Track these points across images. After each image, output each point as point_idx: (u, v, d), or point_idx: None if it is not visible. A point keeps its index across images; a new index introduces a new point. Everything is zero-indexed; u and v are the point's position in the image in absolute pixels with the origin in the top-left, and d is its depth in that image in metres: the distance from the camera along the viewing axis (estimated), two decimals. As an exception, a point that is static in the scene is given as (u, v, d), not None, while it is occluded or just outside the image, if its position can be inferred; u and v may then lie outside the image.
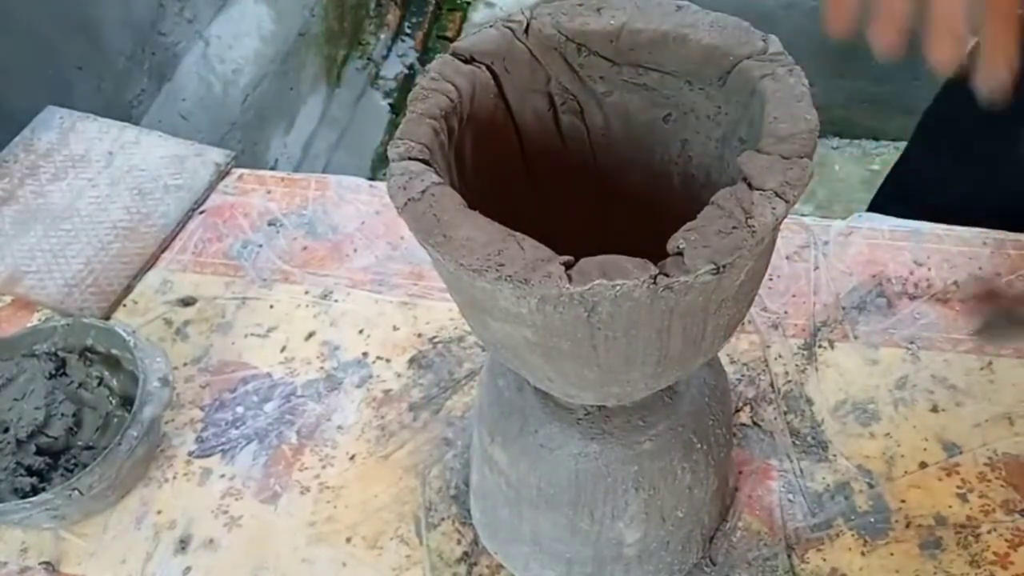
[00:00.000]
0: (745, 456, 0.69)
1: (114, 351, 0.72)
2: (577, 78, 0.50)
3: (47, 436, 0.70)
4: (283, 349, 0.79)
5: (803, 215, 0.86)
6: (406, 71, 2.27)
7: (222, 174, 0.93)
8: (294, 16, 1.84)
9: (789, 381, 0.73)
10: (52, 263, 0.85)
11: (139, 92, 1.42)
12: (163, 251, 0.87)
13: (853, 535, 0.64)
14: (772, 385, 0.73)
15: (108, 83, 1.34)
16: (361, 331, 0.79)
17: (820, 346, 0.75)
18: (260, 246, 0.87)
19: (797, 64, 0.45)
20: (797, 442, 0.69)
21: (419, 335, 0.79)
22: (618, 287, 0.37)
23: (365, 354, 0.78)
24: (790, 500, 0.66)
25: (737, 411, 0.71)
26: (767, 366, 0.74)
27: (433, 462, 0.71)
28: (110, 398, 0.72)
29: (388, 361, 0.77)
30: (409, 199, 0.42)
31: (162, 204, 0.90)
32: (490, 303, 0.41)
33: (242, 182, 0.93)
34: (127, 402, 0.71)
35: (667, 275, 0.37)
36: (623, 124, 0.51)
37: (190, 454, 0.73)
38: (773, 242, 0.44)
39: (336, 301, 0.82)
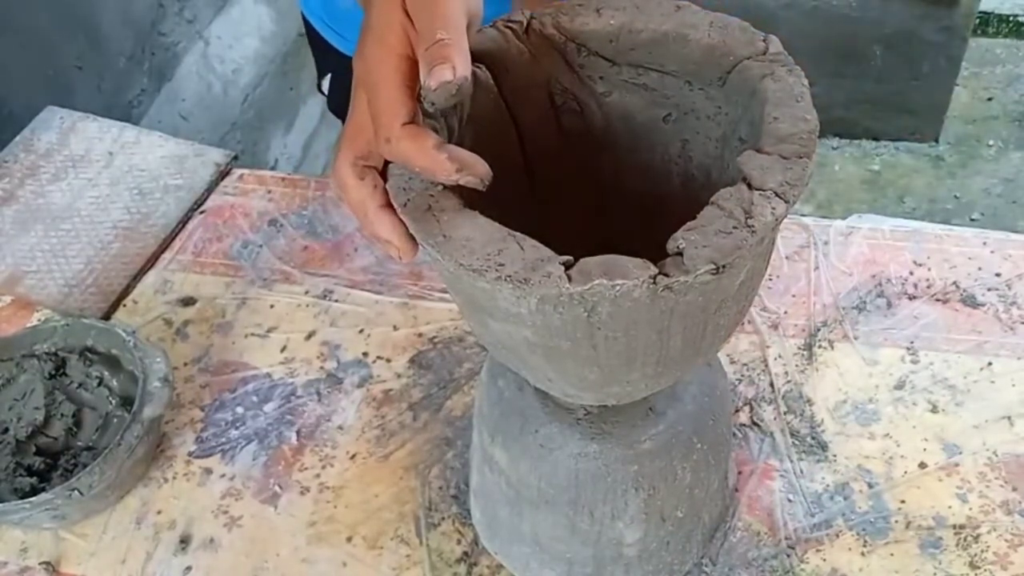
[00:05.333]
0: (745, 456, 0.69)
1: (114, 351, 0.72)
2: (577, 78, 0.50)
3: (47, 436, 0.70)
4: (283, 349, 0.79)
5: (803, 215, 0.86)
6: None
7: (222, 174, 0.93)
8: (294, 16, 1.84)
9: (789, 381, 0.73)
10: (52, 263, 0.85)
11: (139, 92, 1.42)
12: (163, 251, 0.87)
13: (853, 535, 0.64)
14: (772, 385, 0.73)
15: (108, 83, 1.34)
16: (361, 331, 0.79)
17: (820, 346, 0.75)
18: (260, 246, 0.87)
19: (797, 64, 0.45)
20: (797, 442, 0.69)
21: (419, 335, 0.78)
22: (618, 287, 0.37)
23: (365, 354, 0.78)
24: (790, 500, 0.66)
25: (737, 411, 0.71)
26: (767, 366, 0.74)
27: (433, 462, 0.71)
28: (110, 398, 0.72)
29: (388, 361, 0.77)
30: (409, 199, 0.42)
31: (162, 204, 0.90)
32: (490, 303, 0.41)
33: (242, 182, 0.93)
34: (127, 402, 0.71)
35: (667, 275, 0.37)
36: (623, 124, 0.51)
37: (190, 454, 0.73)
38: (773, 242, 0.44)
39: (336, 301, 0.82)
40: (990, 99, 2.25)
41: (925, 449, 0.68)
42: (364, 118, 0.43)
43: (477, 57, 0.47)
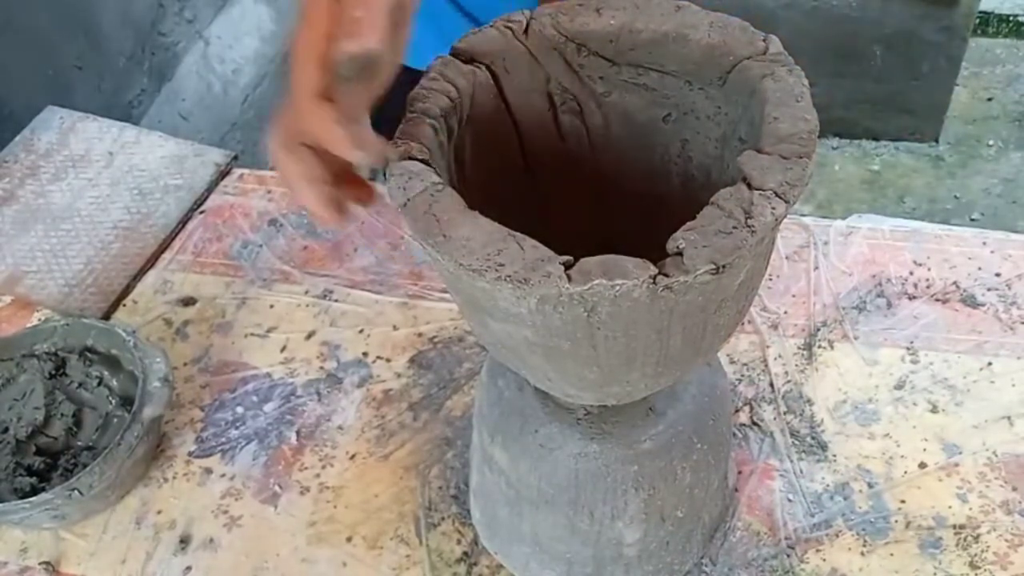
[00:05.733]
0: (745, 456, 0.69)
1: (114, 351, 0.72)
2: (577, 78, 0.50)
3: (47, 436, 0.70)
4: (283, 349, 0.79)
5: (803, 215, 0.86)
6: (406, 71, 2.26)
7: (222, 174, 0.93)
8: (294, 16, 1.84)
9: (788, 381, 0.73)
10: (52, 263, 0.85)
11: (139, 92, 1.42)
12: (163, 251, 0.87)
13: (853, 535, 0.64)
14: (771, 385, 0.73)
15: (108, 83, 1.34)
16: (361, 331, 0.79)
17: (820, 346, 0.75)
18: (260, 246, 0.87)
19: (797, 64, 0.45)
20: (797, 442, 0.69)
21: (419, 335, 0.78)
22: (618, 287, 0.37)
23: (365, 354, 0.78)
24: (790, 500, 0.66)
25: (737, 411, 0.71)
26: (767, 366, 0.74)
27: (433, 462, 0.71)
28: (110, 398, 0.72)
29: (388, 361, 0.77)
30: (409, 199, 0.42)
31: (162, 204, 0.90)
32: (490, 303, 0.41)
33: (242, 182, 0.93)
34: (127, 402, 0.71)
35: (667, 275, 0.37)
36: (623, 124, 0.51)
37: (190, 454, 0.73)
38: (773, 242, 0.44)
39: (336, 301, 0.82)
40: (990, 99, 2.25)
41: (925, 449, 0.68)
42: None
43: (477, 57, 0.47)
